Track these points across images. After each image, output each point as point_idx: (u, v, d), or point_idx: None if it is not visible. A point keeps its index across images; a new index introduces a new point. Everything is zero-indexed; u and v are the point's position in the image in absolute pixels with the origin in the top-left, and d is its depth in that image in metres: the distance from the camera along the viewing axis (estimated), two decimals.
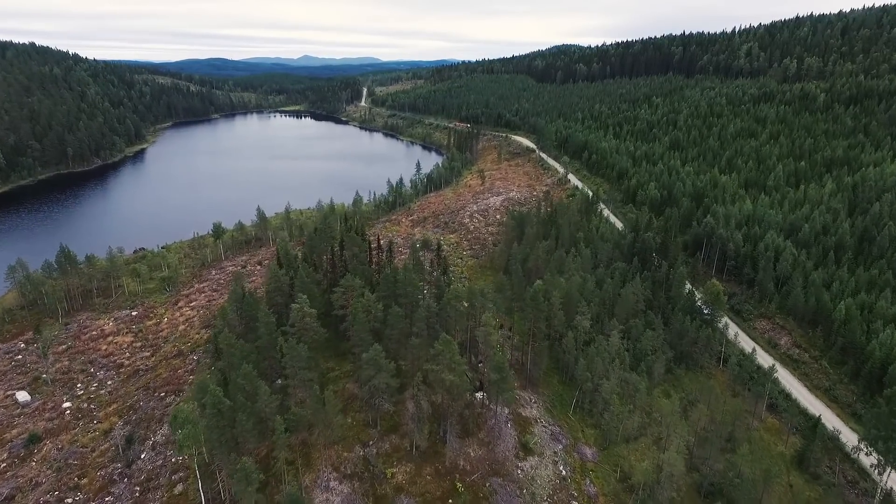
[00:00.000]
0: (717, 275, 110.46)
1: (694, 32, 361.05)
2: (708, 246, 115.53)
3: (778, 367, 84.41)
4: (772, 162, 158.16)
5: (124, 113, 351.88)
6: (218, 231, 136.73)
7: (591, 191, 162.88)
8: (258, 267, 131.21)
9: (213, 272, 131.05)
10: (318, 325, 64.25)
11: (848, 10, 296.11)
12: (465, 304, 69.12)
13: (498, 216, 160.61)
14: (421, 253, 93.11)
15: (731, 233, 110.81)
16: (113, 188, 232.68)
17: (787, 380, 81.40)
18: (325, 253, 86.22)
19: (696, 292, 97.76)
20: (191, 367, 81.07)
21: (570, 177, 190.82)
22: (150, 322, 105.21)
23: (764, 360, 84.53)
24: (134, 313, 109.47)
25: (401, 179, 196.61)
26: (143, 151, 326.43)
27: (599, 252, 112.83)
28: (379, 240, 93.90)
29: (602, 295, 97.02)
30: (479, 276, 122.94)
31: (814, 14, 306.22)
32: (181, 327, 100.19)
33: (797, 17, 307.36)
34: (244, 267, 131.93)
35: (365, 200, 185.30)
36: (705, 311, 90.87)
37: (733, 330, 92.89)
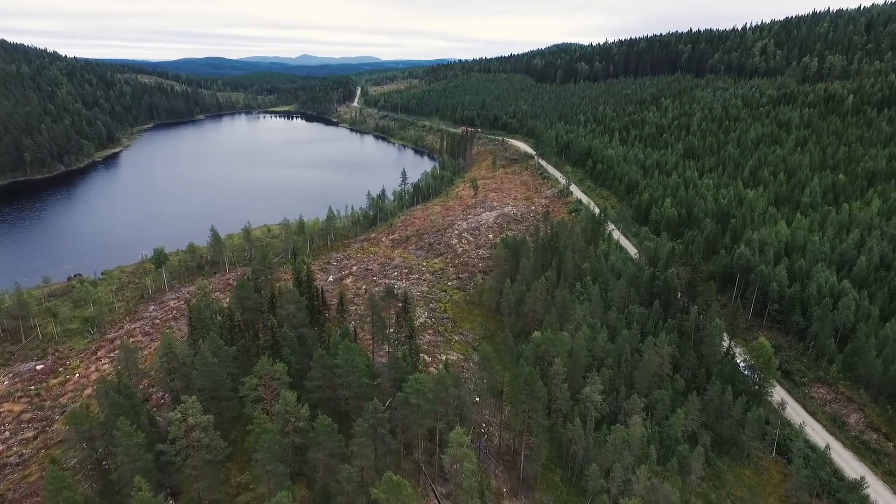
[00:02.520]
0: (754, 319, 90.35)
1: (702, 30, 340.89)
2: (743, 282, 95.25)
3: (850, 458, 64.34)
4: (803, 174, 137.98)
5: (97, 114, 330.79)
6: (160, 258, 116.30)
7: (598, 207, 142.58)
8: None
9: (151, 308, 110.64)
10: (215, 437, 43.96)
11: (870, 5, 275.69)
12: (430, 398, 48.78)
13: (490, 236, 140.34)
14: (383, 303, 72.78)
15: (771, 267, 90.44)
16: (71, 199, 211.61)
17: (865, 477, 61.15)
18: (259, 309, 65.66)
19: (735, 348, 77.69)
20: (70, 462, 60.59)
21: (573, 188, 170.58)
22: (56, 380, 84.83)
23: (832, 447, 64.19)
24: (39, 367, 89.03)
25: (383, 191, 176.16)
26: (116, 155, 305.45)
27: (611, 290, 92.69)
28: (322, 292, 71.61)
29: (617, 351, 76.97)
30: (466, 315, 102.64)
31: (831, 10, 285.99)
32: (87, 391, 79.78)
33: (814, 13, 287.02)
34: (189, 301, 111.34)
35: (344, 214, 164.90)
36: (751, 378, 70.62)
37: (794, 411, 72.18)
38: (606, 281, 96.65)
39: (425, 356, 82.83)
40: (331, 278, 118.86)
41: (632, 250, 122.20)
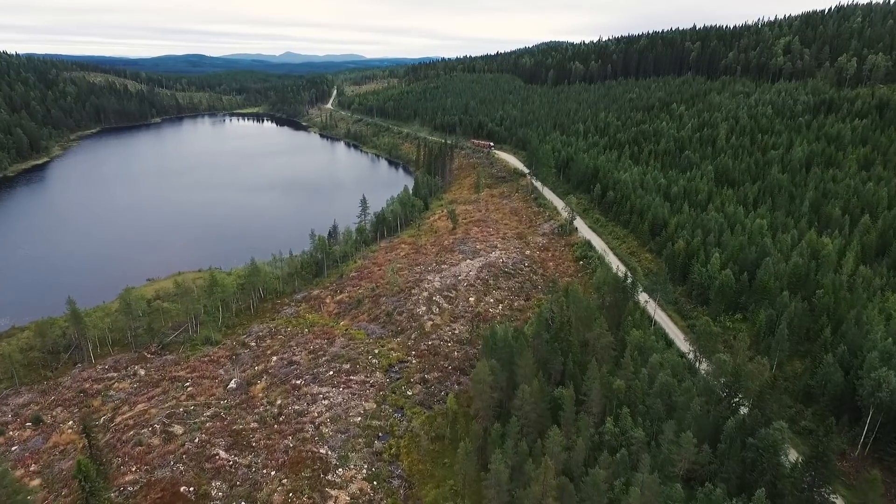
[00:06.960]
0: (889, 473, 53.64)
1: (709, 25, 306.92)
2: (875, 414, 58.57)
3: None
4: (890, 214, 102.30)
5: (22, 119, 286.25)
6: None
7: (624, 264, 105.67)
8: (27, 426, 71.21)
9: None
10: None
11: None
12: None
13: (472, 299, 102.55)
14: None
15: None
16: None
17: None
18: None
19: None
20: None
21: (578, 223, 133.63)
22: None
23: None
24: None
25: (335, 227, 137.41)
26: (41, 167, 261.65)
27: (665, 438, 55.25)
28: None
29: None
30: (430, 467, 64.57)
31: (859, 3, 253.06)
32: None
33: (840, 7, 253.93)
34: (3, 430, 71.80)
35: (282, 257, 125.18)
36: None
37: None
38: (654, 416, 59.46)
39: None
40: (233, 382, 79.87)
41: (672, 330, 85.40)
